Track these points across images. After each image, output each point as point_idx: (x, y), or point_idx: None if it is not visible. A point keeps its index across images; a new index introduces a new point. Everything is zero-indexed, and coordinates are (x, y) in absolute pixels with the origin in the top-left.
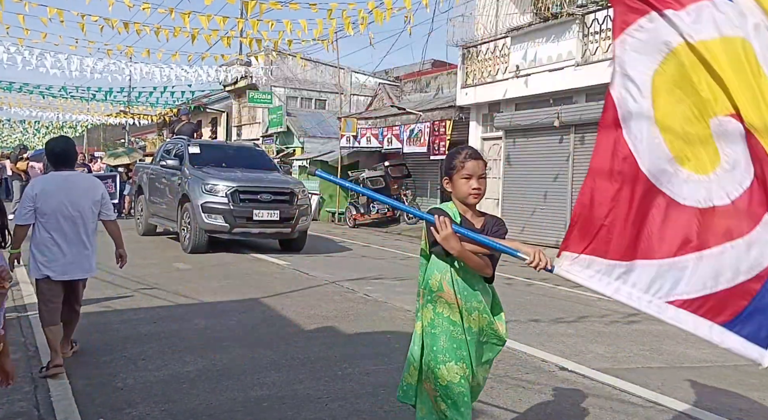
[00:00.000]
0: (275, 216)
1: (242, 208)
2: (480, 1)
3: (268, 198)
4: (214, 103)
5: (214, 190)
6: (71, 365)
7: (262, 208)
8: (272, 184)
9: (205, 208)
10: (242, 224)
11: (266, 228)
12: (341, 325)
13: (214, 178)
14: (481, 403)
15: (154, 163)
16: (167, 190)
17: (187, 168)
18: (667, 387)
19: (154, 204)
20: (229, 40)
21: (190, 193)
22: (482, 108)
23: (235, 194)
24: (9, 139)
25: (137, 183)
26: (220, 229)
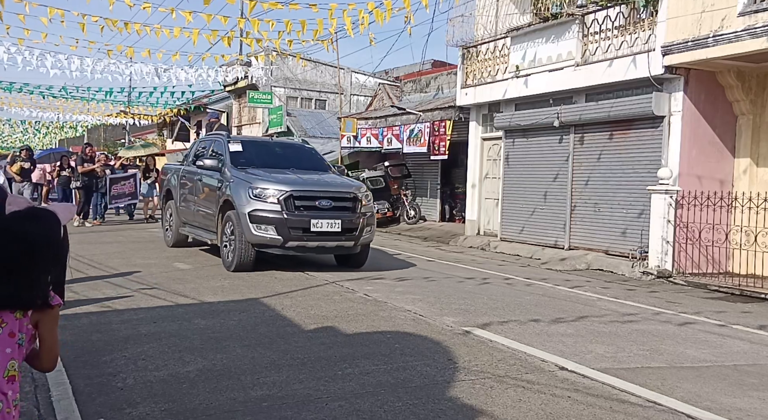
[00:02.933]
0: (336, 226)
1: (298, 217)
2: (480, 1)
3: (328, 204)
4: (214, 103)
5: (264, 196)
6: (71, 365)
7: (321, 216)
8: (332, 188)
9: (253, 218)
10: (298, 237)
11: (326, 241)
12: (341, 325)
13: (264, 181)
14: (481, 403)
15: (186, 164)
16: (204, 195)
17: (228, 169)
18: (666, 387)
19: (187, 211)
20: (230, 40)
21: (235, 198)
22: (482, 108)
23: (289, 200)
24: (9, 139)
25: (165, 186)
26: (271, 242)
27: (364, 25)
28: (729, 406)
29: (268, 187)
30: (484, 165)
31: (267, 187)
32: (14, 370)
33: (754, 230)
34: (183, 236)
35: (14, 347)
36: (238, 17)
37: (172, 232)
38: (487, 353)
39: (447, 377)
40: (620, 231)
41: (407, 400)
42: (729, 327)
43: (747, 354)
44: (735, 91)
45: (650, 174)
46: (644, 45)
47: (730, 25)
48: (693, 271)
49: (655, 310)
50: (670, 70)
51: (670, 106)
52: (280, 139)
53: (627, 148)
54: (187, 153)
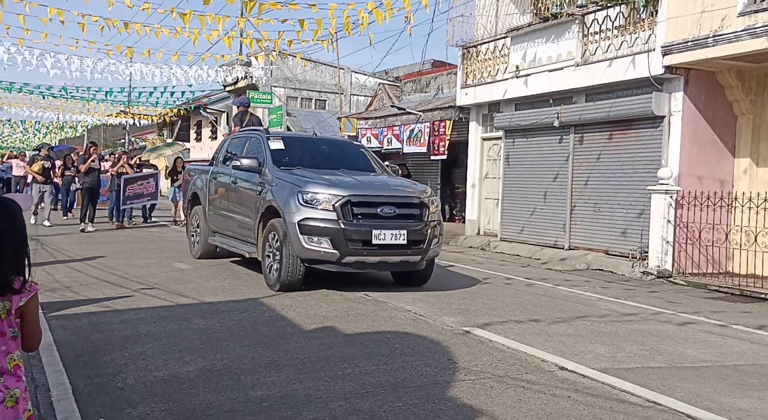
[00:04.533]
0: (401, 238)
1: (357, 227)
2: (480, 1)
3: (391, 212)
4: (214, 103)
5: (316, 202)
6: (71, 365)
7: (384, 226)
8: (395, 192)
9: (304, 228)
10: (357, 251)
11: (389, 256)
12: (341, 325)
13: (315, 184)
14: (481, 403)
15: (216, 164)
16: (239, 201)
17: (269, 170)
18: (666, 387)
19: (218, 218)
20: (230, 40)
21: (280, 205)
22: (482, 108)
23: (347, 207)
24: (9, 139)
25: (190, 189)
26: (325, 257)
27: (363, 25)
28: (729, 406)
29: (322, 191)
30: (484, 165)
31: (320, 192)
32: (14, 361)
33: (754, 230)
34: (212, 247)
35: (8, 343)
36: (237, 17)
37: (199, 241)
38: (487, 353)
39: (447, 377)
40: (620, 231)
41: (407, 400)
42: (729, 327)
43: (747, 354)
44: (735, 91)
45: (650, 174)
46: (644, 45)
47: (730, 25)
48: (693, 271)
49: (655, 310)
50: (670, 70)
51: (670, 106)
52: (325, 135)
53: (627, 148)
54: (215, 152)
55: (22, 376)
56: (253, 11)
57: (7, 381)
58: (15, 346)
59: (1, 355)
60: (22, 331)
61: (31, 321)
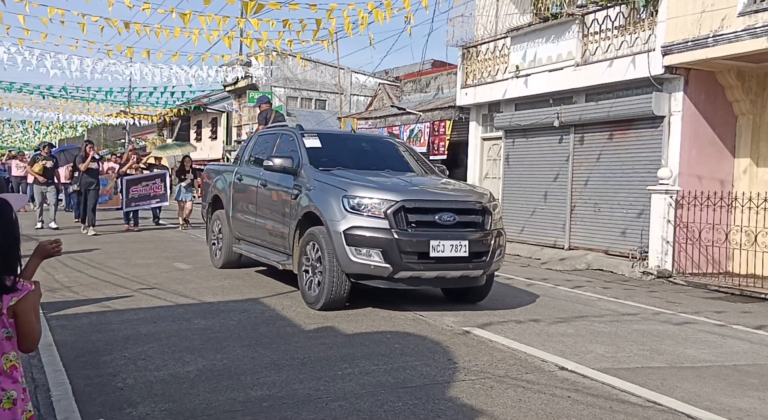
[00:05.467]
0: (462, 249)
1: (412, 237)
2: (480, 1)
3: (451, 219)
4: (214, 103)
5: (365, 208)
6: (71, 365)
7: (443, 236)
8: (453, 196)
9: (351, 238)
10: (412, 265)
11: (448, 270)
12: (341, 325)
13: (363, 187)
14: (481, 403)
15: (241, 164)
16: (271, 205)
17: (306, 170)
18: (666, 387)
19: (245, 224)
20: (230, 40)
21: (322, 211)
22: (482, 108)
23: (400, 214)
24: (9, 139)
25: (210, 191)
26: (375, 272)
27: (363, 25)
28: (729, 406)
29: (371, 195)
30: (484, 165)
31: (369, 196)
32: (11, 361)
33: (754, 230)
34: (236, 255)
35: (3, 343)
36: (237, 17)
37: (222, 249)
38: (487, 353)
39: (447, 377)
40: (620, 231)
41: (407, 400)
42: (729, 327)
43: (747, 354)
44: (735, 91)
45: (650, 174)
46: (644, 45)
47: (730, 25)
48: (693, 271)
49: (655, 310)
50: (670, 70)
51: (670, 106)
52: (363, 132)
53: (627, 148)
54: (239, 151)
55: (18, 378)
56: (253, 11)
57: (3, 382)
58: (10, 346)
59: None
60: (17, 332)
61: (25, 321)
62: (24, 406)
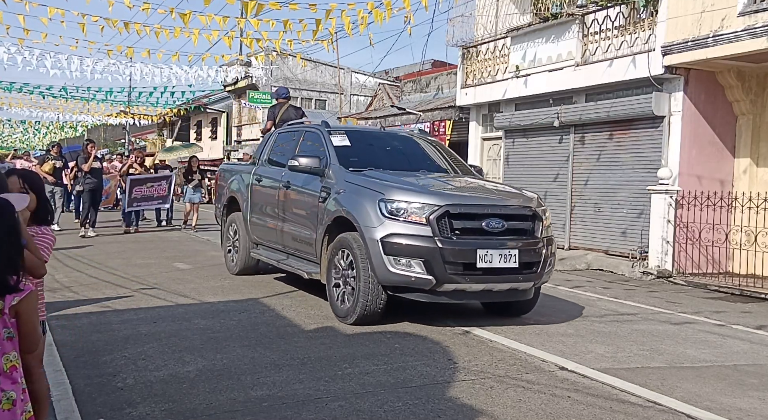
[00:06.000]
0: (512, 260)
1: (458, 245)
2: (480, 1)
3: (499, 226)
4: (214, 103)
5: (405, 213)
6: (71, 365)
7: (491, 245)
8: (502, 201)
9: (389, 246)
10: (457, 276)
11: (496, 282)
12: (341, 325)
13: (403, 190)
14: (481, 403)
15: (259, 164)
16: (295, 208)
17: (335, 171)
18: (666, 387)
19: (265, 228)
20: (230, 40)
21: (356, 216)
22: (482, 108)
23: (444, 220)
24: (9, 139)
25: (225, 193)
26: (416, 284)
27: (363, 25)
28: (729, 406)
29: (412, 199)
30: (484, 165)
31: (410, 200)
32: (11, 362)
33: (754, 230)
34: (254, 261)
35: (3, 343)
36: (237, 17)
37: (239, 255)
38: (487, 353)
39: (447, 377)
40: (620, 231)
41: (407, 400)
42: (729, 327)
43: (747, 354)
44: (735, 91)
45: (650, 174)
46: (644, 45)
47: (730, 25)
48: (693, 271)
49: (654, 310)
50: (670, 70)
51: (670, 106)
52: (394, 129)
53: (627, 148)
54: (258, 149)
55: (17, 379)
56: (253, 12)
57: (2, 383)
58: (11, 346)
59: None
60: (19, 332)
61: (27, 321)
62: (23, 407)
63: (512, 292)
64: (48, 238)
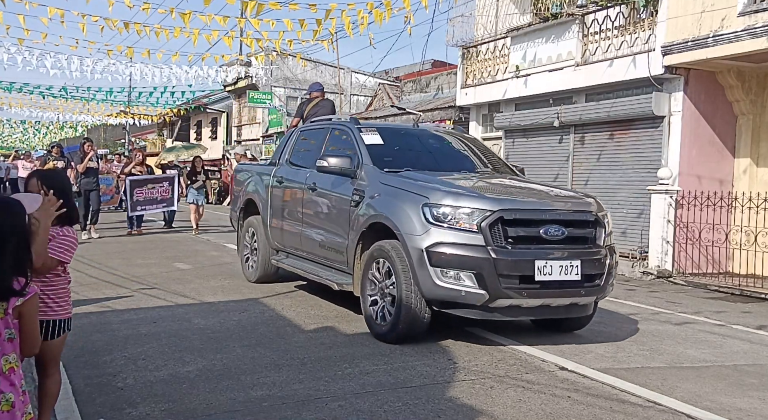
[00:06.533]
0: (574, 272)
1: (514, 256)
2: (480, 1)
3: (559, 234)
4: (214, 103)
5: (453, 219)
6: (71, 365)
7: (550, 255)
8: (561, 206)
9: (435, 256)
10: (513, 291)
11: (555, 297)
12: (341, 325)
13: (450, 194)
14: (481, 403)
15: (280, 164)
16: (323, 212)
17: (369, 172)
18: (666, 387)
19: (288, 234)
20: (230, 40)
21: (396, 221)
22: (482, 108)
23: (497, 227)
24: (9, 139)
25: (242, 195)
26: (467, 300)
27: (363, 25)
28: (729, 406)
29: (460, 203)
30: None
31: (458, 205)
32: (10, 364)
33: (754, 230)
34: (274, 268)
35: (4, 344)
36: (238, 17)
37: (258, 261)
38: (487, 353)
39: (447, 377)
40: (620, 231)
41: (407, 400)
42: (729, 327)
43: (747, 354)
44: (735, 91)
45: (650, 174)
46: (644, 45)
47: (730, 25)
48: (693, 271)
49: (654, 310)
50: (670, 70)
51: (670, 106)
52: (428, 126)
53: (627, 148)
54: (277, 149)
55: (15, 381)
56: (253, 12)
57: (1, 385)
58: (11, 348)
59: None
60: (21, 333)
61: (29, 323)
62: (23, 409)
63: (572, 308)
64: (68, 239)
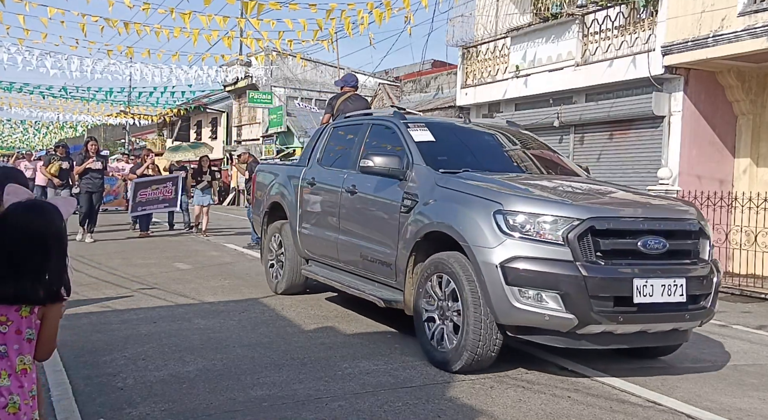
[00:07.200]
0: (678, 292)
1: (608, 273)
2: (480, 1)
3: (659, 246)
4: (214, 103)
5: (533, 229)
6: (71, 365)
7: (650, 272)
8: (658, 213)
9: (513, 273)
10: (606, 315)
11: (656, 321)
12: (341, 325)
13: (528, 199)
14: (481, 403)
15: (311, 164)
16: (365, 219)
17: (421, 174)
18: (666, 387)
19: (322, 242)
20: (230, 40)
21: (462, 231)
22: (482, 108)
23: (587, 238)
24: (9, 139)
25: (266, 197)
26: (551, 325)
27: (363, 25)
28: (729, 406)
29: (541, 210)
30: None
31: (538, 212)
32: (24, 364)
33: (754, 230)
34: (303, 278)
35: (22, 343)
36: (238, 17)
37: (285, 271)
38: None
39: (447, 377)
40: None
41: (407, 400)
42: (729, 327)
43: (747, 354)
44: (735, 91)
45: (650, 174)
46: (644, 45)
47: (730, 25)
48: None
49: None
50: (670, 70)
51: (670, 106)
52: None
53: (627, 148)
54: (306, 147)
55: (25, 383)
56: (253, 12)
57: (11, 385)
58: (28, 349)
59: (13, 355)
60: (39, 336)
61: (49, 327)
62: (30, 414)
63: (670, 335)
64: None
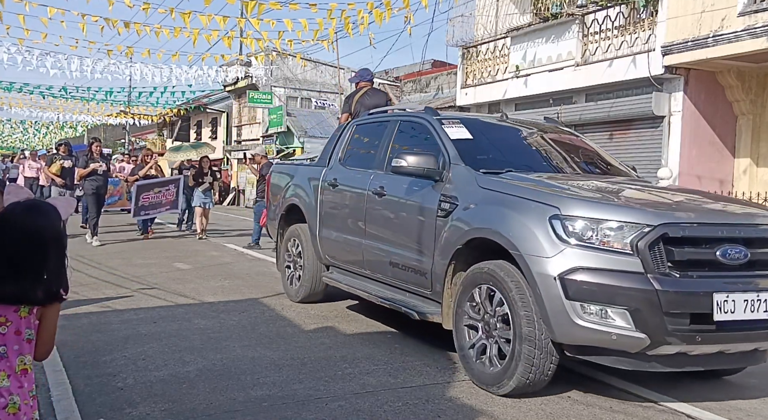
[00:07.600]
0: (762, 308)
1: (684, 286)
2: (480, 1)
3: (740, 256)
4: (214, 103)
5: (596, 236)
6: (71, 365)
7: (731, 285)
8: (736, 218)
9: (573, 287)
10: (683, 334)
11: (738, 341)
12: (341, 325)
13: (588, 202)
14: (481, 403)
15: (332, 164)
16: (395, 223)
17: (461, 174)
18: (666, 387)
19: (345, 247)
20: (230, 40)
21: (512, 238)
22: (482, 108)
23: (658, 247)
24: (9, 139)
25: (282, 199)
26: (618, 345)
27: (363, 25)
28: (729, 406)
29: (604, 215)
30: None
31: (601, 217)
32: (25, 365)
33: None
34: (323, 285)
35: (22, 344)
36: (238, 17)
37: (304, 278)
38: None
39: (447, 377)
40: None
41: (407, 400)
42: None
43: None
44: (735, 91)
45: (650, 174)
46: (644, 45)
47: (730, 25)
48: None
49: None
50: (670, 70)
51: (670, 106)
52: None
53: (627, 148)
54: (326, 146)
55: (24, 384)
56: (253, 12)
57: (11, 386)
58: (28, 349)
59: (12, 355)
60: (38, 336)
61: (48, 327)
62: (30, 415)
63: (750, 355)
64: None
